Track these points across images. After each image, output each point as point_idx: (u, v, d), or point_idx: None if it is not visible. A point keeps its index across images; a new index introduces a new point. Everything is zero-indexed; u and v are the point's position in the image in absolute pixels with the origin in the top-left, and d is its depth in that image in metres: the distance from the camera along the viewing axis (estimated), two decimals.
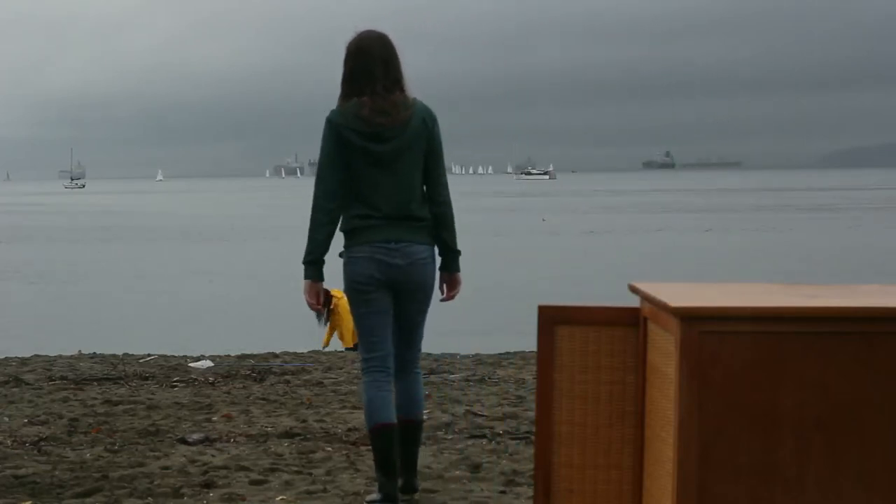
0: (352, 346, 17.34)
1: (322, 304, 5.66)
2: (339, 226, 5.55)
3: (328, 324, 16.47)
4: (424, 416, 6.05)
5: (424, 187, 5.57)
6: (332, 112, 5.47)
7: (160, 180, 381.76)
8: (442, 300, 5.72)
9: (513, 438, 7.57)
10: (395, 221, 5.42)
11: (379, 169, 5.41)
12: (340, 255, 5.59)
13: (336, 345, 15.96)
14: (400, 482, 5.68)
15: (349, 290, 5.54)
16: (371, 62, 5.40)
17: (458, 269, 5.65)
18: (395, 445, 5.56)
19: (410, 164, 5.45)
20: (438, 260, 5.66)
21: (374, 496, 5.66)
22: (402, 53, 5.53)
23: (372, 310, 5.51)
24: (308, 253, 5.52)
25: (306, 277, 5.57)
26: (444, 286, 5.68)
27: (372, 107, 5.38)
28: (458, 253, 5.63)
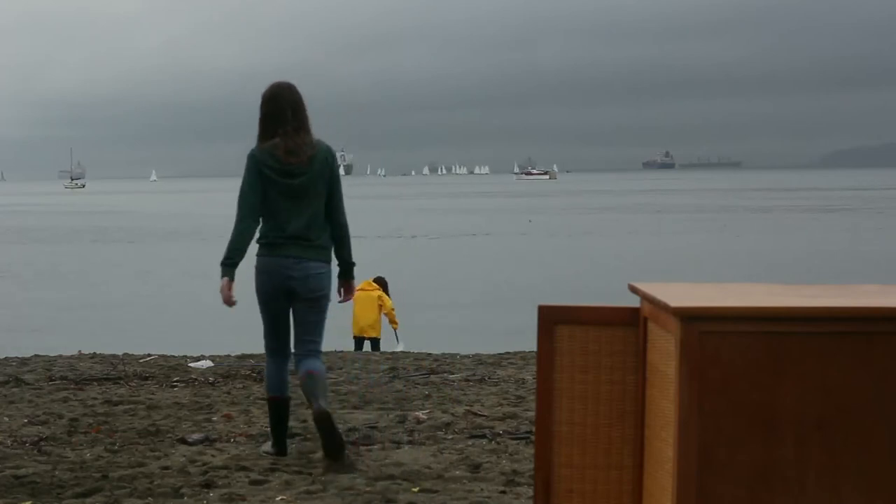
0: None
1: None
2: (255, 238, 6.75)
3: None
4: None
5: (327, 212, 6.75)
6: (254, 150, 6.66)
7: (154, 180, 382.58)
8: (339, 302, 6.97)
9: (513, 438, 7.57)
10: (295, 241, 6.62)
11: (288, 198, 6.60)
12: (257, 255, 6.80)
13: (337, 345, 15.94)
14: (316, 410, 6.69)
15: (258, 292, 6.78)
16: (282, 106, 6.60)
17: (352, 277, 6.93)
18: (286, 413, 6.94)
19: (314, 196, 6.63)
20: (335, 271, 6.89)
21: (268, 448, 7.01)
22: (307, 100, 6.70)
23: (274, 311, 6.77)
24: (227, 257, 6.66)
25: (223, 276, 6.66)
26: (342, 290, 6.95)
27: (285, 148, 6.57)
28: (352, 265, 6.87)
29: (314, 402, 6.64)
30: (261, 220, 6.68)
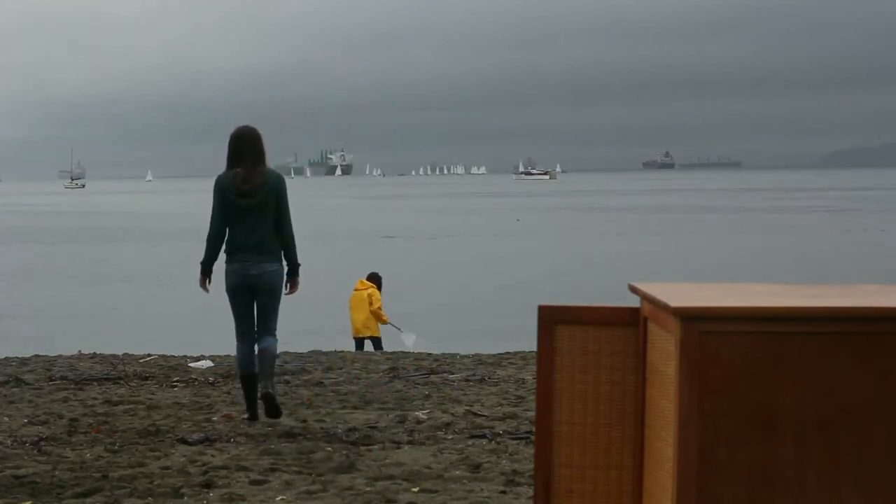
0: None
1: None
2: (223, 247, 8.54)
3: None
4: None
5: (276, 226, 8.45)
6: (220, 176, 8.52)
7: (149, 181, 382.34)
8: (286, 294, 8.55)
9: (513, 438, 7.57)
10: (253, 249, 8.39)
11: (245, 215, 8.37)
12: (225, 261, 8.52)
13: (337, 345, 15.93)
14: (262, 391, 8.27)
15: (227, 290, 8.45)
16: (243, 145, 8.45)
17: (297, 275, 8.60)
18: (255, 385, 8.33)
19: (265, 213, 8.39)
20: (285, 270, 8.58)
21: (245, 416, 8.33)
22: (265, 139, 8.54)
23: (240, 302, 8.45)
24: (204, 262, 8.61)
25: (202, 273, 8.63)
26: (289, 286, 8.59)
27: (242, 177, 8.39)
28: (298, 266, 8.59)
29: (262, 384, 8.25)
30: (226, 231, 8.46)
